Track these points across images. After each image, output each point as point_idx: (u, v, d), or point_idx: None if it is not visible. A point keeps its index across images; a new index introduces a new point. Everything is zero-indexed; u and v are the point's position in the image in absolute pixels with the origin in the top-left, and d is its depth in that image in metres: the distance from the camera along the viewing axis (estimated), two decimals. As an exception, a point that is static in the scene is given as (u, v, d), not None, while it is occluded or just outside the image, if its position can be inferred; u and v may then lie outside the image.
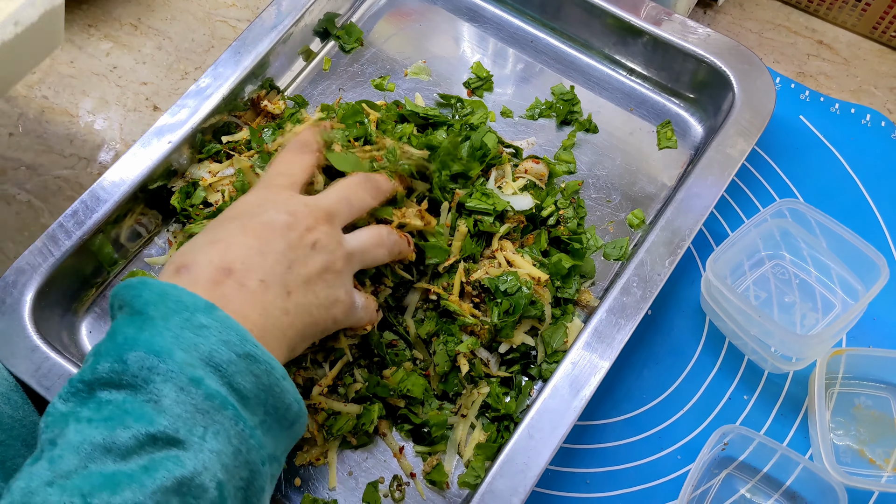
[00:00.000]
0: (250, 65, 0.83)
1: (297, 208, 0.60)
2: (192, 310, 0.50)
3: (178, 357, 0.47)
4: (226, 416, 0.48)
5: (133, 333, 0.49)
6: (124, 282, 0.52)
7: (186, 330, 0.49)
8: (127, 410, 0.46)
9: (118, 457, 0.44)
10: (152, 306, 0.50)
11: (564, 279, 0.76)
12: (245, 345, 0.50)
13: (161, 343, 0.48)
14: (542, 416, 0.67)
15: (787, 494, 0.73)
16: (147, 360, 0.47)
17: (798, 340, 0.72)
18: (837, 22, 0.98)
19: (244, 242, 0.56)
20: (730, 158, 0.78)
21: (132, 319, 0.50)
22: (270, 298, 0.55)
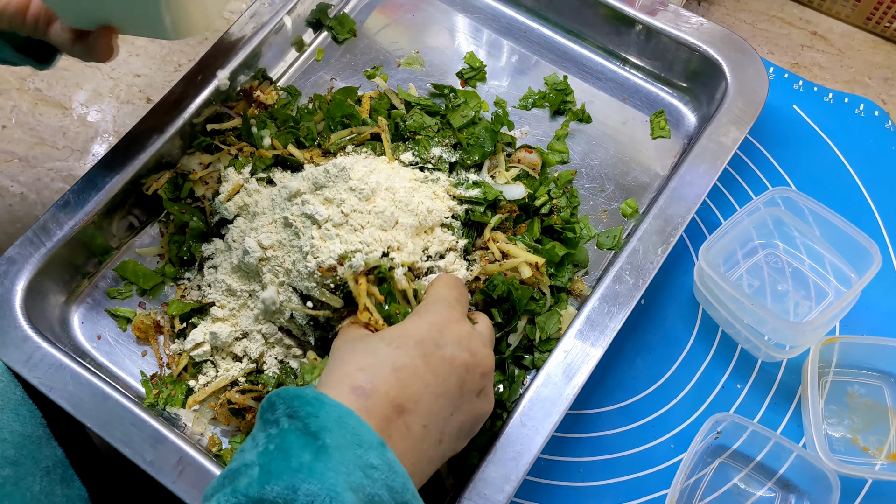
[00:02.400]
0: (243, 55, 0.83)
1: (477, 348, 0.58)
2: (367, 447, 0.49)
3: (348, 500, 0.46)
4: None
5: (308, 462, 0.47)
6: (295, 390, 0.51)
7: (358, 469, 0.48)
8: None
9: None
10: (328, 433, 0.48)
11: (558, 267, 0.75)
12: (405, 494, 0.49)
13: (335, 481, 0.46)
14: (535, 405, 0.67)
15: (780, 482, 0.73)
16: (318, 497, 0.46)
17: (791, 328, 0.72)
18: (831, 13, 0.98)
19: (423, 378, 0.54)
20: (722, 147, 0.77)
21: (307, 442, 0.48)
22: (425, 448, 0.54)
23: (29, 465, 0.64)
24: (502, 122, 0.84)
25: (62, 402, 0.67)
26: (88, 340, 0.76)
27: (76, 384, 0.68)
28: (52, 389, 0.68)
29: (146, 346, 0.76)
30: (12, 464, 0.62)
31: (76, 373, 0.69)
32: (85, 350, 0.76)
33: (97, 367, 0.74)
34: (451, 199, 0.75)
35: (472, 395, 0.57)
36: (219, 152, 0.81)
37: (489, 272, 0.73)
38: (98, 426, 0.67)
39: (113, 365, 0.75)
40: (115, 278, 0.79)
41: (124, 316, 0.77)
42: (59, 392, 0.68)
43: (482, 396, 0.58)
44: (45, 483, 0.64)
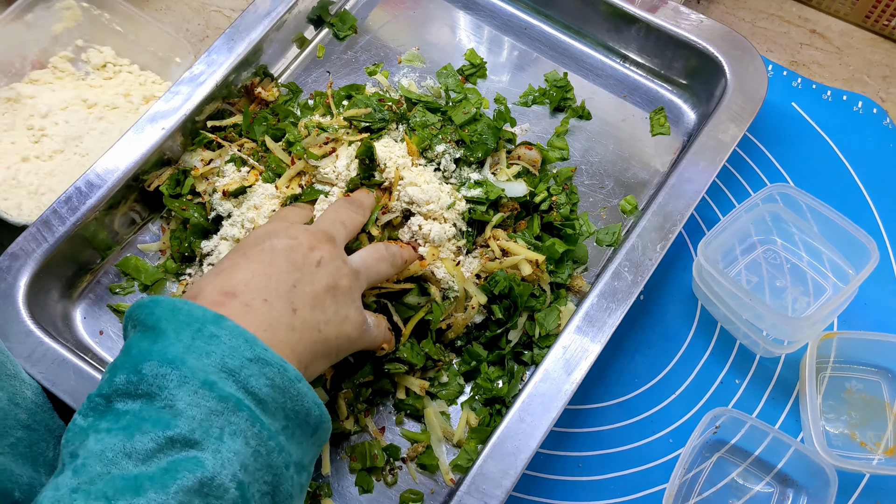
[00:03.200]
0: (244, 52, 0.83)
1: (297, 232, 0.61)
2: (202, 321, 0.51)
3: (191, 364, 0.49)
4: (241, 418, 0.48)
5: (147, 346, 0.50)
6: (137, 302, 0.54)
7: (198, 340, 0.50)
8: (144, 417, 0.47)
9: (139, 461, 0.45)
10: (164, 321, 0.51)
11: (557, 264, 0.76)
12: (255, 348, 0.51)
13: (174, 352, 0.49)
14: (534, 400, 0.67)
15: (778, 477, 0.73)
16: (161, 368, 0.48)
17: (789, 323, 0.73)
18: (830, 11, 0.99)
19: (247, 267, 0.57)
20: (722, 144, 0.78)
21: (145, 334, 0.51)
22: (276, 315, 0.55)
23: (42, 432, 0.65)
24: (505, 118, 0.84)
25: (65, 396, 0.68)
26: (91, 336, 0.77)
27: (78, 379, 0.69)
28: (54, 384, 0.68)
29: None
30: (25, 427, 0.63)
31: (79, 368, 0.69)
32: (87, 345, 0.76)
33: (99, 362, 0.74)
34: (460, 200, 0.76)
35: (310, 268, 0.59)
36: (220, 149, 0.81)
37: (490, 270, 0.73)
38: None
39: (115, 360, 0.76)
40: (117, 274, 0.80)
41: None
42: (61, 387, 0.68)
43: (323, 265, 0.60)
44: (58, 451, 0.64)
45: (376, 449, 0.71)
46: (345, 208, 0.68)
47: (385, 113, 0.80)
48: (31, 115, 0.87)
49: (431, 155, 0.77)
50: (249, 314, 0.54)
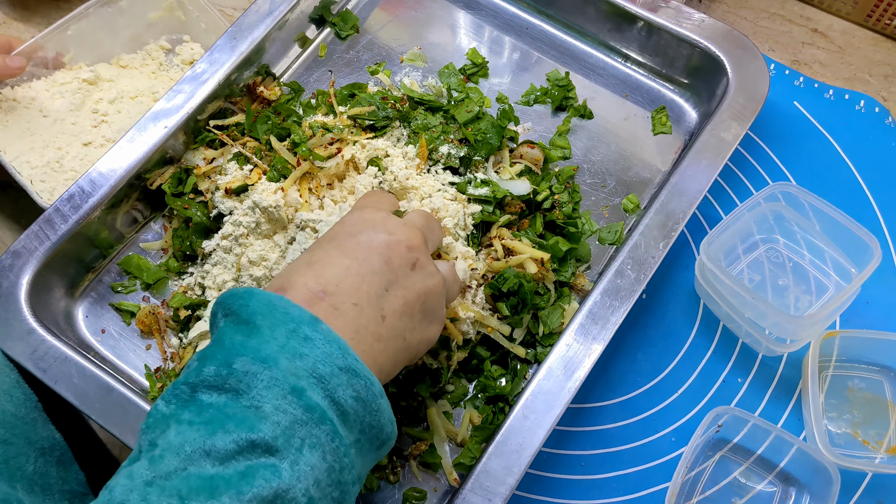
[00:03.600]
0: (246, 51, 0.83)
1: (395, 227, 0.58)
2: (298, 322, 0.49)
3: (283, 365, 0.47)
4: (323, 431, 0.47)
5: (241, 340, 0.49)
6: (230, 291, 0.52)
7: (293, 340, 0.49)
8: (228, 415, 0.45)
9: (217, 461, 0.44)
10: (260, 316, 0.50)
11: (561, 262, 0.76)
12: (347, 358, 0.49)
13: (268, 351, 0.48)
14: (537, 398, 0.67)
15: (780, 476, 0.73)
16: (253, 366, 0.47)
17: (792, 321, 0.73)
18: (832, 10, 0.99)
19: (340, 263, 0.55)
20: (724, 142, 0.78)
21: (239, 328, 0.50)
22: (364, 322, 0.53)
23: (21, 445, 0.63)
24: (509, 117, 0.84)
25: (67, 394, 0.68)
26: (93, 334, 0.77)
27: (81, 377, 0.69)
28: (56, 382, 0.68)
29: (150, 340, 0.77)
30: (2, 442, 0.62)
31: (81, 366, 0.69)
32: (89, 344, 0.76)
33: (101, 360, 0.74)
34: (467, 203, 0.75)
35: (405, 270, 0.56)
36: (223, 147, 0.81)
37: (495, 269, 0.73)
38: (103, 419, 0.67)
39: (117, 358, 0.76)
40: (119, 272, 0.80)
41: (128, 310, 0.77)
42: (63, 385, 0.68)
43: (418, 269, 0.57)
44: (39, 464, 0.64)
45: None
46: (431, 220, 0.65)
47: (388, 111, 0.80)
48: (100, 100, 0.88)
49: (437, 156, 0.77)
50: (338, 318, 0.52)
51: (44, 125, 0.86)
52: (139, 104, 0.90)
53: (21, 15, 1.00)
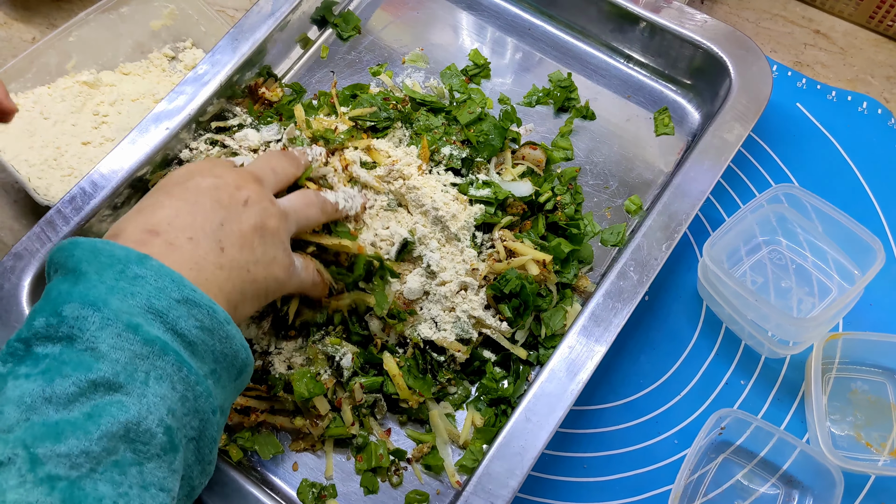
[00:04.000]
0: (248, 52, 0.83)
1: (223, 172, 0.60)
2: (125, 262, 0.49)
3: (114, 305, 0.47)
4: (167, 362, 0.47)
5: (67, 288, 0.48)
6: (56, 245, 0.52)
7: (121, 281, 0.48)
8: (64, 361, 0.45)
9: (60, 406, 0.44)
10: (85, 262, 0.49)
11: (563, 264, 0.76)
12: (182, 290, 0.49)
13: (96, 294, 0.47)
14: (539, 400, 0.67)
15: (783, 478, 0.73)
16: (82, 310, 0.47)
17: (795, 324, 0.72)
18: (834, 11, 0.98)
19: (171, 205, 0.56)
20: (726, 143, 0.78)
21: (65, 277, 0.49)
22: (202, 254, 0.54)
23: None
24: (511, 118, 0.84)
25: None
26: (94, 336, 0.76)
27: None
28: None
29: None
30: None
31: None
32: (91, 345, 0.76)
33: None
34: (469, 204, 0.75)
35: (237, 207, 0.57)
36: (224, 149, 0.81)
37: (497, 270, 0.73)
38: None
39: (119, 360, 0.75)
40: (120, 274, 0.79)
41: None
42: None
43: (251, 205, 0.58)
44: None
45: (382, 450, 0.71)
46: (277, 157, 0.67)
47: (390, 112, 0.80)
48: (101, 102, 0.89)
49: (439, 157, 0.77)
50: (174, 252, 0.52)
51: (44, 127, 0.86)
52: (139, 105, 0.90)
53: (22, 15, 1.00)
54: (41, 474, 0.41)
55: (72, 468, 0.42)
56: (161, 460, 0.46)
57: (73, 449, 0.42)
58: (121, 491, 0.43)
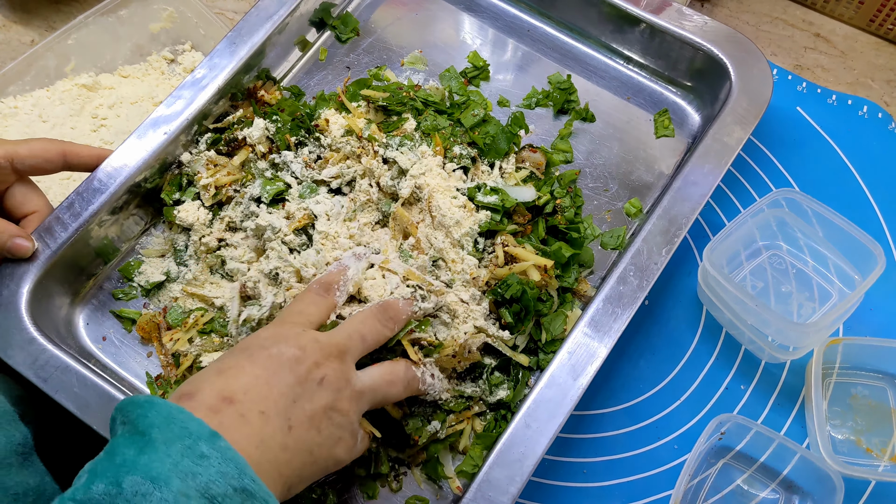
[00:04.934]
0: (246, 55, 0.83)
1: (307, 343, 0.59)
2: (196, 437, 0.49)
3: (175, 486, 0.46)
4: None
5: (133, 456, 0.48)
6: (129, 399, 0.51)
7: (187, 458, 0.48)
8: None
9: None
10: (156, 429, 0.49)
11: (564, 268, 0.75)
12: (243, 478, 0.48)
13: (159, 469, 0.47)
14: (539, 406, 0.67)
15: (783, 483, 0.73)
16: (143, 485, 0.46)
17: (795, 329, 0.72)
18: (834, 15, 0.98)
19: (250, 372, 0.55)
20: (727, 147, 0.77)
21: (133, 439, 0.49)
22: (270, 432, 0.53)
23: None
24: (520, 124, 0.84)
25: (68, 404, 0.67)
26: (94, 342, 0.76)
27: (82, 386, 0.68)
28: (57, 391, 0.68)
29: (151, 347, 0.76)
30: None
31: (82, 375, 0.69)
32: (90, 352, 0.76)
33: (102, 368, 0.74)
34: (475, 210, 0.75)
35: (312, 385, 0.57)
36: (228, 155, 0.81)
37: (499, 276, 0.72)
38: (104, 428, 0.67)
39: (118, 366, 0.75)
40: (119, 279, 0.79)
41: (129, 317, 0.77)
42: (64, 394, 0.68)
43: (325, 385, 0.57)
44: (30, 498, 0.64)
45: (381, 455, 0.71)
46: (372, 319, 0.64)
47: (403, 98, 0.81)
48: (100, 105, 0.88)
49: (451, 155, 0.77)
50: (244, 426, 0.52)
51: (42, 130, 0.86)
52: (138, 108, 0.89)
53: (21, 17, 1.00)
54: None
55: None
56: None
57: None
58: None
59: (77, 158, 0.74)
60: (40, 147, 0.72)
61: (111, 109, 0.89)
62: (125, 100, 0.90)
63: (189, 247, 0.79)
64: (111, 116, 0.89)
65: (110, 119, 0.88)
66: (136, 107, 0.90)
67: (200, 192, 0.79)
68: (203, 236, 0.77)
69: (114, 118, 0.89)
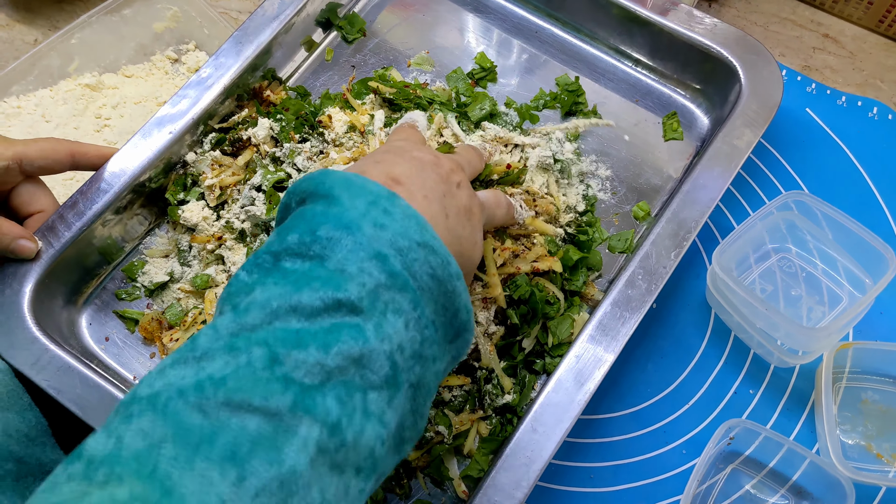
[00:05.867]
0: (252, 55, 0.82)
1: (437, 154, 0.61)
2: (377, 195, 0.50)
3: (367, 231, 0.48)
4: (406, 299, 0.48)
5: (322, 210, 0.49)
6: (303, 176, 0.53)
7: (373, 210, 0.49)
8: (314, 276, 0.46)
9: (303, 317, 0.44)
10: (339, 188, 0.50)
11: (572, 271, 0.75)
12: (425, 234, 0.50)
13: (350, 217, 0.48)
14: (546, 410, 0.66)
15: (793, 489, 0.72)
16: (336, 232, 0.48)
17: (805, 333, 0.72)
18: (843, 15, 0.98)
19: (405, 164, 0.57)
20: (736, 149, 0.77)
21: (318, 202, 0.50)
22: (433, 212, 0.54)
23: (33, 466, 0.63)
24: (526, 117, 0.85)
25: (70, 405, 0.67)
26: (96, 342, 0.76)
27: (84, 387, 0.68)
28: (60, 392, 0.67)
29: (154, 348, 0.76)
30: (16, 460, 0.62)
31: (84, 375, 0.68)
32: (93, 352, 0.75)
33: (105, 369, 0.73)
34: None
35: (452, 186, 0.58)
36: (234, 156, 0.80)
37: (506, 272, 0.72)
38: (106, 429, 0.66)
39: (121, 367, 0.75)
40: (123, 279, 0.79)
41: (132, 317, 0.76)
42: (67, 395, 0.67)
43: (462, 188, 0.59)
44: None
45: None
46: (469, 151, 0.69)
47: (409, 94, 0.82)
48: (103, 105, 0.88)
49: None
50: (413, 203, 0.53)
51: (45, 130, 0.85)
52: (142, 108, 0.89)
53: (24, 17, 0.99)
54: (278, 373, 0.42)
55: (305, 375, 0.42)
56: (383, 393, 0.46)
57: (309, 358, 0.43)
58: (346, 411, 0.43)
59: (85, 158, 0.74)
60: (49, 147, 0.71)
61: (115, 109, 0.89)
62: (129, 100, 0.89)
63: (193, 247, 0.78)
64: (115, 116, 0.88)
65: (114, 119, 0.88)
66: (140, 107, 0.89)
67: (205, 192, 0.78)
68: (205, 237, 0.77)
69: (117, 118, 0.88)
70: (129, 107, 0.89)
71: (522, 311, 0.71)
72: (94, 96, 0.89)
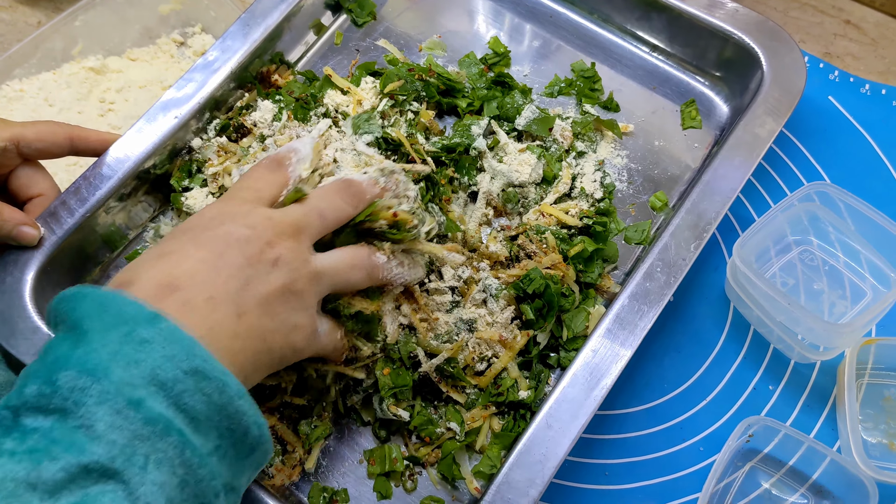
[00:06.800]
0: (259, 38, 0.80)
1: (257, 221, 0.54)
2: (134, 322, 0.45)
3: (116, 376, 0.42)
4: (169, 444, 0.43)
5: (66, 351, 0.44)
6: (60, 294, 0.48)
7: (126, 345, 0.44)
8: (55, 439, 0.40)
9: (46, 493, 0.39)
10: (88, 319, 0.45)
11: (587, 263, 0.73)
12: (193, 359, 0.45)
13: (96, 360, 0.43)
14: (561, 406, 0.64)
15: (813, 488, 0.70)
16: (79, 380, 0.42)
17: (827, 329, 0.70)
18: (865, 1, 0.95)
19: (195, 256, 0.51)
20: (758, 139, 0.74)
21: (66, 336, 0.45)
22: (218, 318, 0.49)
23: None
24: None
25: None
26: (99, 332, 0.74)
27: (87, 378, 0.66)
28: (62, 383, 0.65)
29: (159, 339, 0.74)
30: None
31: (87, 366, 0.66)
32: (96, 342, 0.73)
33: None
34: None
35: (265, 266, 0.52)
36: (238, 141, 0.78)
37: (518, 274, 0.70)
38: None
39: (124, 357, 0.73)
40: (126, 268, 0.77)
41: (136, 307, 0.75)
42: (69, 386, 0.65)
43: (279, 265, 0.53)
44: None
45: (396, 453, 0.68)
46: (334, 195, 0.59)
47: (417, 83, 0.78)
48: (108, 89, 0.86)
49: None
50: (190, 314, 0.48)
51: (49, 114, 0.84)
52: (147, 92, 0.87)
53: (27, -2, 0.97)
54: None
55: None
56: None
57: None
58: None
59: (84, 143, 0.71)
60: (47, 130, 0.69)
61: (119, 93, 0.87)
62: (133, 84, 0.87)
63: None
64: (119, 101, 0.86)
65: (118, 103, 0.86)
66: (145, 91, 0.87)
67: (208, 179, 0.76)
68: None
69: (122, 102, 0.86)
70: (133, 91, 0.87)
71: (537, 305, 0.69)
72: (99, 80, 0.87)
